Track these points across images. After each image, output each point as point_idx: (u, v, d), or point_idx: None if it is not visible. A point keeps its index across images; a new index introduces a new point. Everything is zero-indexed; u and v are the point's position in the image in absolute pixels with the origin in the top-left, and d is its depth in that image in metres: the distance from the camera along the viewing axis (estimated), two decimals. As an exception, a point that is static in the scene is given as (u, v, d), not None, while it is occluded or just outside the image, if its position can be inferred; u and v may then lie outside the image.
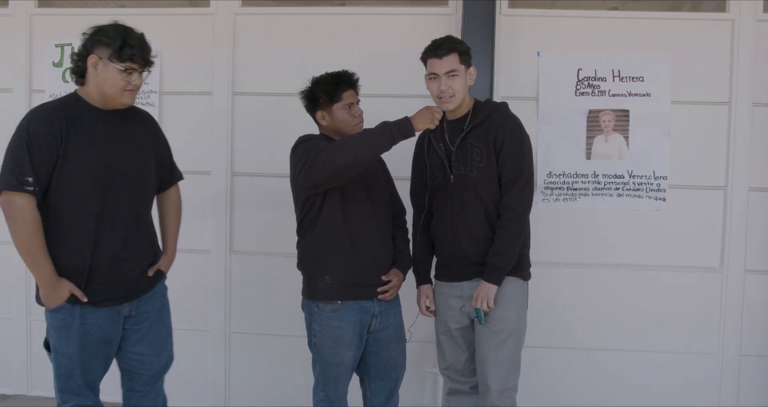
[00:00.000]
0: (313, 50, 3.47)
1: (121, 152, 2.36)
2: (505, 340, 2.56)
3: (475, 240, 2.57)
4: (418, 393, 3.48)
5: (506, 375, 2.58)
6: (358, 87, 2.68)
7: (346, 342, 2.57)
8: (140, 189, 2.44)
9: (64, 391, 2.40)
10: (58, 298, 2.28)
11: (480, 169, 2.55)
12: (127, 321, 2.43)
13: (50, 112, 2.28)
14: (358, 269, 2.57)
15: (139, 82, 2.35)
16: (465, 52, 2.56)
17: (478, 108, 2.62)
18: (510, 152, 2.53)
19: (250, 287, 3.60)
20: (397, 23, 3.46)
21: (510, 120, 2.58)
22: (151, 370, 2.51)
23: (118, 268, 2.36)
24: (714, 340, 3.38)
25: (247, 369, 3.64)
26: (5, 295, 3.78)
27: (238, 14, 3.56)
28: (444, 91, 2.53)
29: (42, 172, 2.22)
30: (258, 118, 3.57)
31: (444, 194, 2.64)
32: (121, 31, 2.31)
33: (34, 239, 2.22)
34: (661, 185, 3.32)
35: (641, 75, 3.31)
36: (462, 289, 2.62)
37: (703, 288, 3.38)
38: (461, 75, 2.54)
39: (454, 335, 2.69)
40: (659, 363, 3.39)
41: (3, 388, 3.81)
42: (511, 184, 2.52)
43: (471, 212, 2.57)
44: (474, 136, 2.56)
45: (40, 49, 3.68)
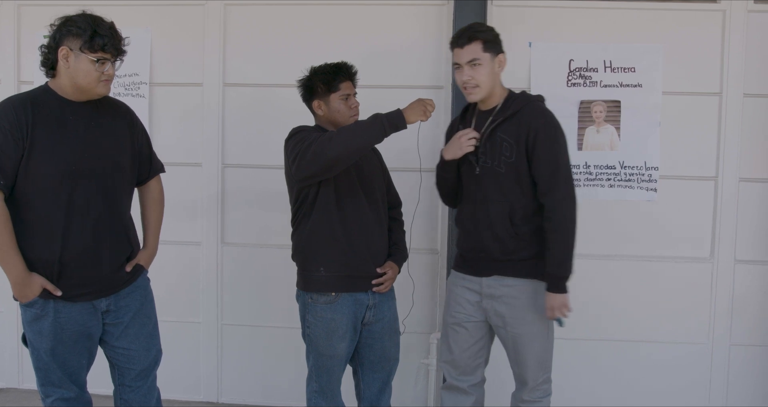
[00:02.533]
0: (304, 41, 3.46)
1: (92, 144, 2.30)
2: (529, 342, 2.52)
3: (497, 237, 2.50)
4: (410, 385, 3.49)
5: (538, 372, 2.55)
6: (356, 80, 2.68)
7: (339, 333, 2.57)
8: (114, 181, 2.36)
9: (46, 384, 2.38)
10: (30, 293, 2.25)
11: (509, 164, 2.46)
12: (106, 315, 2.39)
13: (16, 104, 2.23)
14: (353, 261, 2.57)
15: (112, 71, 2.29)
16: (490, 40, 2.46)
17: (510, 101, 2.51)
18: (544, 150, 2.42)
19: (242, 279, 3.59)
20: (389, 14, 3.44)
21: (542, 115, 2.47)
22: (139, 365, 2.48)
23: (90, 262, 2.30)
24: (704, 330, 3.40)
25: (240, 360, 3.64)
26: (-5, 288, 3.76)
27: (228, 4, 3.53)
28: (467, 82, 2.46)
29: (8, 166, 2.17)
30: (249, 109, 3.56)
31: (469, 186, 2.58)
32: (91, 20, 2.25)
33: (1, 234, 2.18)
34: (653, 175, 3.33)
35: (633, 66, 3.32)
36: (481, 285, 2.55)
37: (694, 278, 3.39)
38: (486, 64, 2.44)
39: (465, 327, 2.60)
40: (650, 352, 3.41)
41: (-6, 381, 3.81)
42: (550, 184, 2.42)
43: (495, 208, 2.49)
44: (504, 129, 2.47)
45: (28, 40, 3.65)
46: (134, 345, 2.46)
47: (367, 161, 2.63)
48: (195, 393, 3.65)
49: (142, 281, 2.51)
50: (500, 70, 2.50)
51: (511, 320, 2.50)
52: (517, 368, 2.59)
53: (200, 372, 3.65)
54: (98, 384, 2.68)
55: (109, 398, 2.57)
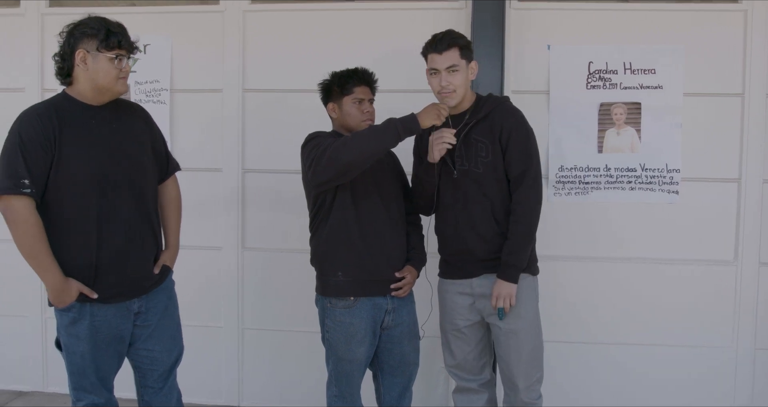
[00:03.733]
0: (323, 46, 3.47)
1: (117, 146, 2.34)
2: (524, 338, 2.56)
3: (481, 237, 2.55)
4: (430, 390, 3.49)
5: (531, 370, 2.58)
6: (374, 86, 2.70)
7: (358, 338, 2.58)
8: (141, 182, 2.41)
9: (78, 389, 2.41)
10: (67, 298, 2.28)
11: (486, 164, 2.53)
12: (137, 317, 2.43)
13: (41, 113, 2.26)
14: (370, 265, 2.57)
15: (128, 68, 2.35)
16: (466, 47, 2.54)
17: (480, 103, 2.59)
18: (516, 147, 2.51)
19: (263, 283, 3.61)
20: (407, 18, 3.45)
21: (513, 114, 2.57)
22: (162, 366, 2.52)
23: (124, 263, 2.35)
24: (729, 334, 3.36)
25: (261, 365, 3.66)
26: (20, 293, 3.81)
27: (247, 11, 3.56)
28: (445, 87, 2.51)
29: (38, 173, 2.20)
30: (269, 114, 3.58)
31: (445, 191, 2.62)
32: (102, 21, 2.30)
33: (36, 242, 2.21)
34: (674, 177, 3.30)
35: (653, 67, 3.29)
36: (471, 286, 2.60)
37: (717, 282, 3.35)
38: (462, 70, 2.51)
39: (463, 332, 2.66)
40: (673, 356, 3.37)
41: (19, 385, 3.85)
42: (521, 179, 2.51)
43: (476, 208, 2.55)
44: (478, 131, 2.54)
45: (51, 48, 3.68)
46: (158, 347, 2.49)
47: (383, 165, 2.63)
48: (216, 396, 3.67)
49: (169, 282, 2.55)
50: (472, 76, 2.59)
51: (508, 317, 2.53)
52: (507, 368, 2.60)
53: (221, 376, 3.67)
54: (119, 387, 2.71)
55: (132, 401, 2.59)
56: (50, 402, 3.71)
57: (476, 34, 3.25)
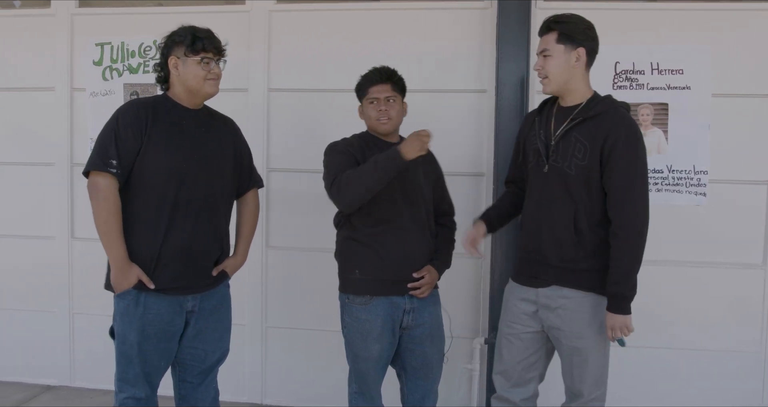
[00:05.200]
0: (348, 46, 3.48)
1: (201, 148, 2.48)
2: (587, 357, 2.41)
3: (557, 241, 2.38)
4: (452, 391, 3.48)
5: (593, 387, 2.45)
6: (394, 82, 2.65)
7: (374, 335, 2.59)
8: (216, 185, 2.52)
9: (122, 380, 2.49)
10: (125, 282, 2.38)
11: (579, 167, 2.33)
12: (189, 315, 2.51)
13: (140, 105, 2.45)
14: (388, 265, 2.58)
15: (218, 70, 2.49)
16: (565, 32, 2.35)
17: (593, 102, 2.39)
18: (621, 160, 2.28)
19: (287, 282, 3.63)
20: (432, 18, 3.44)
21: (625, 123, 2.33)
22: (203, 364, 2.60)
23: (185, 260, 2.44)
24: (757, 338, 3.31)
25: (284, 363, 3.68)
26: (48, 289, 3.88)
27: (273, 11, 3.58)
28: (537, 72, 2.41)
29: (125, 158, 2.36)
30: (294, 114, 3.60)
31: (535, 185, 2.47)
32: (189, 28, 2.48)
33: (111, 219, 2.35)
34: (702, 179, 3.25)
35: (681, 67, 3.25)
36: (537, 296, 2.45)
37: (746, 285, 3.30)
38: (557, 56, 2.35)
39: (521, 338, 2.51)
40: (700, 361, 3.33)
41: (47, 379, 3.92)
42: (623, 198, 2.29)
43: (559, 211, 2.38)
44: (580, 130, 2.35)
45: (81, 48, 3.76)
46: (203, 345, 2.58)
47: (412, 169, 2.58)
48: (240, 394, 3.70)
49: (223, 287, 2.64)
50: (577, 63, 2.36)
51: (569, 333, 2.40)
52: (570, 381, 2.49)
53: (245, 373, 3.70)
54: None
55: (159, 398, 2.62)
56: (77, 396, 3.77)
57: (501, 34, 3.24)
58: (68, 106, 3.79)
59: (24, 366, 3.93)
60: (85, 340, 3.86)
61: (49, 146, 3.82)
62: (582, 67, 2.39)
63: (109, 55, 3.72)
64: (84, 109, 3.77)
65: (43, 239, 3.87)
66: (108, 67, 3.72)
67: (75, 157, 3.81)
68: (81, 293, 3.85)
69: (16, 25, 3.84)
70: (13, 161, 3.89)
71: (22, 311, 3.91)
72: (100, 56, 3.73)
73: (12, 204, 3.90)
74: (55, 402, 3.69)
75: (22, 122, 3.86)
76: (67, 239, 3.84)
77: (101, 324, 3.79)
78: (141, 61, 3.68)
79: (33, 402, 3.69)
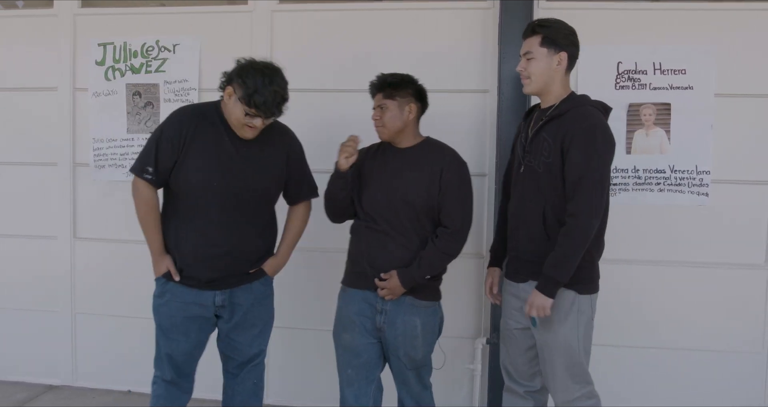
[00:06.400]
0: (351, 46, 3.48)
1: (238, 168, 2.56)
2: (556, 353, 2.44)
3: (530, 237, 2.48)
4: (454, 390, 3.48)
5: (569, 386, 2.45)
6: (385, 89, 2.64)
7: (344, 323, 2.70)
8: (250, 203, 2.61)
9: (156, 359, 2.73)
10: (157, 270, 2.62)
11: (546, 165, 2.42)
12: (220, 310, 2.66)
13: (186, 116, 2.60)
14: (363, 260, 2.65)
15: (259, 124, 2.51)
16: (549, 36, 2.44)
17: (566, 101, 2.47)
18: (575, 152, 2.34)
19: (290, 281, 3.62)
20: (434, 18, 3.44)
21: (586, 118, 2.39)
22: (241, 357, 2.75)
23: (204, 263, 2.58)
24: (758, 338, 3.31)
25: (284, 362, 3.68)
26: (50, 289, 3.88)
27: (275, 11, 3.58)
28: (520, 73, 2.51)
29: (163, 166, 2.55)
30: (296, 114, 3.56)
31: (515, 184, 2.59)
32: (260, 80, 2.43)
33: (148, 216, 2.60)
34: (704, 179, 3.25)
35: (684, 67, 3.24)
36: (518, 290, 2.55)
37: (748, 285, 3.30)
38: (540, 58, 2.44)
39: (515, 335, 2.59)
40: (703, 361, 3.33)
41: (49, 379, 3.92)
42: (576, 188, 2.34)
43: (531, 208, 2.47)
44: (548, 129, 2.44)
45: (83, 48, 3.76)
46: (240, 339, 2.72)
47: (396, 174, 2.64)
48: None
49: (259, 285, 2.73)
50: (559, 67, 2.45)
51: (541, 328, 2.45)
52: (545, 379, 2.53)
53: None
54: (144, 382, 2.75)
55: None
56: (79, 396, 3.77)
57: (503, 33, 3.24)
58: (71, 106, 3.79)
59: (26, 366, 3.94)
60: (88, 340, 3.86)
61: (52, 146, 3.83)
62: (562, 70, 2.48)
63: (111, 56, 3.72)
64: (86, 109, 3.77)
65: (46, 238, 3.87)
66: (110, 68, 3.72)
67: (77, 157, 3.81)
68: (83, 293, 3.85)
69: (19, 25, 3.84)
70: (15, 161, 3.89)
71: (25, 310, 3.92)
72: (103, 56, 3.73)
73: (14, 204, 3.91)
74: (57, 402, 3.69)
75: (24, 122, 3.87)
76: (70, 239, 3.84)
77: (103, 324, 3.83)
78: (143, 61, 3.68)
79: (35, 401, 3.69)
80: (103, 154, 3.75)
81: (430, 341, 2.69)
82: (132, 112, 3.71)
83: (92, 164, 3.76)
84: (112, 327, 3.82)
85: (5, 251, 3.94)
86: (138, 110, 3.71)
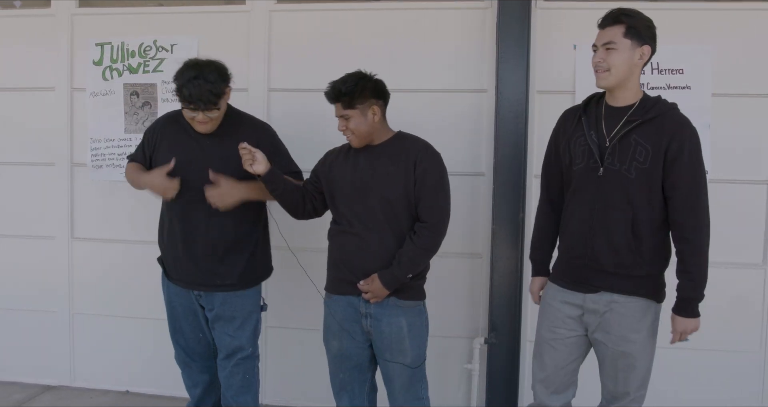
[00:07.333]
0: (349, 46, 3.48)
1: (199, 162, 2.68)
2: (635, 361, 2.38)
3: (613, 248, 2.31)
4: (452, 391, 3.48)
5: (642, 387, 2.44)
6: (342, 100, 2.57)
7: (332, 330, 2.69)
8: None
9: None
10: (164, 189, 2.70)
11: (640, 171, 2.26)
12: (200, 300, 2.86)
13: (163, 120, 2.91)
14: (343, 265, 2.63)
15: (201, 117, 2.63)
16: (634, 27, 2.28)
17: (648, 103, 2.33)
18: (689, 165, 2.25)
19: (284, 281, 3.62)
20: (432, 18, 3.44)
21: (687, 126, 2.29)
22: (225, 348, 2.87)
23: (181, 258, 2.79)
24: (756, 338, 3.31)
25: (283, 363, 3.68)
26: (48, 289, 3.88)
27: (273, 11, 3.58)
28: (597, 64, 2.32)
29: (145, 160, 2.87)
30: (294, 114, 3.60)
31: (586, 188, 2.37)
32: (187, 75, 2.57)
33: (130, 176, 2.86)
34: (702, 179, 3.25)
35: (681, 67, 3.25)
36: (584, 300, 2.39)
37: (745, 285, 3.30)
38: (622, 50, 2.27)
39: (566, 343, 2.45)
40: (699, 361, 3.33)
41: (47, 379, 3.92)
42: (692, 203, 2.27)
43: (616, 216, 2.30)
44: (641, 132, 2.27)
45: (81, 48, 3.76)
46: (222, 329, 2.86)
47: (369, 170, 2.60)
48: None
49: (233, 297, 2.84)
50: (640, 62, 2.31)
51: (617, 338, 2.35)
52: (614, 385, 2.45)
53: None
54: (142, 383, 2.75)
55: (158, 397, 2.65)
56: (77, 396, 3.77)
57: (501, 33, 3.24)
58: (68, 106, 3.79)
59: (24, 366, 3.94)
60: (85, 340, 3.86)
61: (49, 146, 3.83)
62: (641, 66, 2.34)
63: (109, 55, 3.72)
64: (84, 109, 3.77)
65: (44, 239, 3.87)
66: (108, 67, 3.72)
67: (75, 157, 3.81)
68: (81, 293, 3.85)
69: (17, 25, 3.84)
70: (13, 161, 3.89)
71: (23, 311, 3.92)
72: (100, 56, 3.73)
73: (12, 204, 3.91)
74: (55, 402, 3.69)
75: (22, 122, 3.86)
76: (68, 239, 3.84)
77: (101, 324, 3.83)
78: (141, 61, 3.68)
79: (33, 402, 3.69)
80: (100, 154, 3.74)
81: (419, 342, 2.64)
82: (129, 112, 3.71)
83: (90, 164, 3.76)
84: (110, 327, 3.82)
85: (3, 252, 3.94)
86: (135, 110, 3.71)
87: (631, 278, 2.34)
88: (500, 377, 3.30)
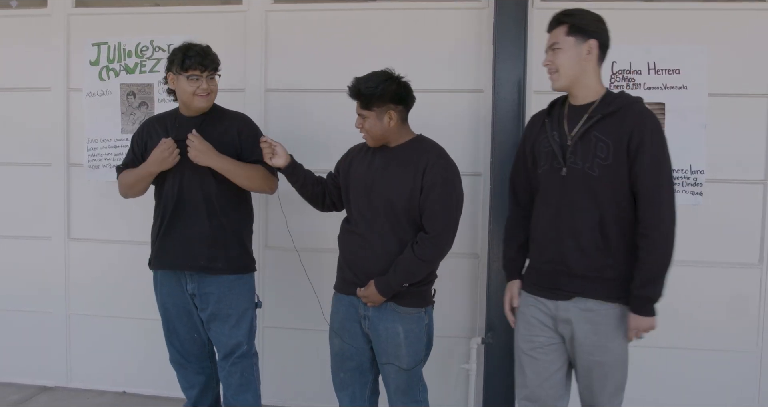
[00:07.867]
0: (346, 46, 3.48)
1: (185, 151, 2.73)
2: (610, 371, 2.31)
3: (582, 250, 2.25)
4: (449, 390, 3.48)
5: (616, 395, 2.37)
6: (360, 99, 2.55)
7: (334, 328, 2.72)
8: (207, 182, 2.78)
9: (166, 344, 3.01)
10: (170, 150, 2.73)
11: (603, 167, 2.20)
12: (193, 299, 2.87)
13: (152, 122, 2.95)
14: (347, 265, 2.66)
15: (206, 86, 2.73)
16: (576, 24, 2.25)
17: (609, 98, 2.27)
18: (650, 157, 2.17)
19: (282, 282, 3.62)
20: (429, 18, 3.44)
21: (649, 117, 2.22)
22: (223, 348, 2.89)
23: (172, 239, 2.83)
24: (753, 338, 3.32)
25: (281, 363, 3.68)
26: (45, 290, 3.87)
27: (270, 11, 3.58)
28: (547, 67, 2.30)
29: (135, 160, 2.90)
30: (291, 114, 3.60)
31: (551, 190, 2.33)
32: (184, 47, 2.74)
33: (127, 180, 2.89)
34: (698, 179, 3.26)
35: (677, 67, 3.25)
36: (556, 308, 2.32)
37: (742, 285, 3.31)
38: (567, 49, 2.24)
39: (546, 350, 2.35)
40: (696, 361, 3.34)
41: (43, 380, 3.91)
42: (654, 195, 2.18)
43: (583, 216, 2.25)
44: (601, 128, 2.22)
45: (77, 48, 3.75)
46: (219, 329, 2.86)
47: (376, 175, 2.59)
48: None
49: (230, 280, 2.85)
50: (590, 57, 2.26)
51: (592, 348, 2.29)
52: (589, 394, 2.37)
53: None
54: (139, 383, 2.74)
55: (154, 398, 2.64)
56: (74, 397, 3.76)
57: (498, 33, 3.24)
58: (65, 106, 3.79)
59: (20, 367, 3.93)
60: (82, 341, 3.85)
61: (46, 147, 3.82)
62: (593, 60, 2.28)
63: (105, 56, 3.71)
64: (81, 109, 3.76)
65: (40, 239, 3.86)
66: (105, 68, 3.72)
67: (72, 157, 3.80)
68: (77, 293, 3.84)
69: (13, 25, 3.84)
70: (9, 162, 3.88)
71: (19, 311, 3.91)
72: (97, 56, 3.72)
73: (8, 204, 3.90)
74: (51, 403, 3.68)
75: (18, 122, 3.86)
76: (64, 240, 3.83)
77: (98, 325, 3.82)
78: (138, 61, 3.68)
79: (29, 402, 3.68)
80: (97, 154, 3.74)
81: (416, 349, 2.59)
82: (126, 112, 3.71)
83: (86, 164, 3.75)
84: (107, 327, 3.81)
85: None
86: (132, 110, 3.70)
87: (603, 282, 2.26)
88: (497, 377, 3.30)
